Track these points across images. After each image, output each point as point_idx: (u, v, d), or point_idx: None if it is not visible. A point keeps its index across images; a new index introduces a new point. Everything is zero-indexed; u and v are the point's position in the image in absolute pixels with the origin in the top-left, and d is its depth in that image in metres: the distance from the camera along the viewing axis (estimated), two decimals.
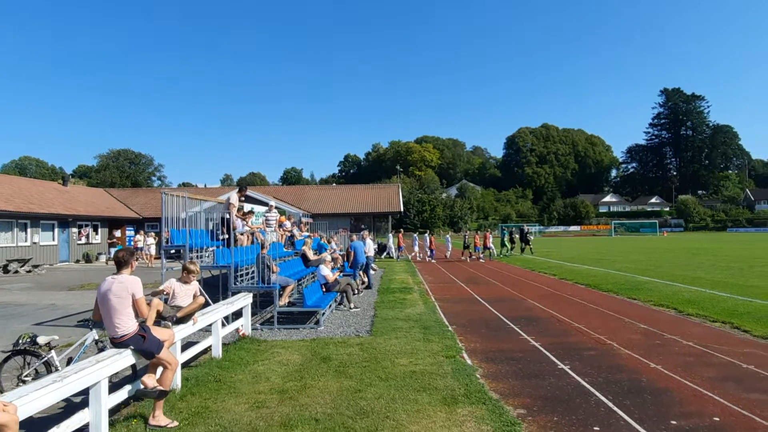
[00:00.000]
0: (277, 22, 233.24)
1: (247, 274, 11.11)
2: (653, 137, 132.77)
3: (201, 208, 12.44)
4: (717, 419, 4.93)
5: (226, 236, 10.55)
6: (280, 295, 10.13)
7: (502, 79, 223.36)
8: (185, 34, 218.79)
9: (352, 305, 11.68)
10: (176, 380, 6.02)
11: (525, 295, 13.71)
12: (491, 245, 29.05)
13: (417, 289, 15.47)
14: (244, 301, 8.57)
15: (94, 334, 6.31)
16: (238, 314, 8.89)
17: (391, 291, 14.88)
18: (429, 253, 29.43)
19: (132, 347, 4.99)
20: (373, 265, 21.48)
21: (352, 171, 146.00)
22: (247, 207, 15.12)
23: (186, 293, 6.46)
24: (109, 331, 5.00)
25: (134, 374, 6.20)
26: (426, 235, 31.59)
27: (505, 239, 31.94)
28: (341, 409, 5.23)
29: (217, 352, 7.40)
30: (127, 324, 4.95)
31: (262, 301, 12.29)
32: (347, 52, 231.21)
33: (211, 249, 10.62)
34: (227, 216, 10.83)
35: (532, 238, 33.30)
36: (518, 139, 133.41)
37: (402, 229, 43.81)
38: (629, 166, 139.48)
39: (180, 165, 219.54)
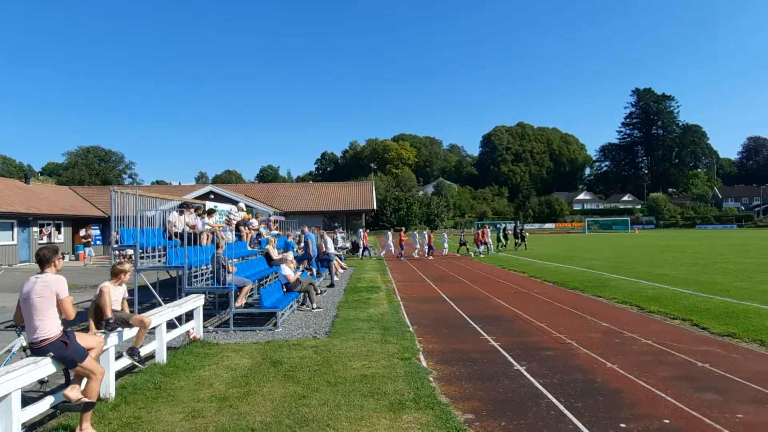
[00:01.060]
0: (253, 20, 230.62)
1: (203, 274, 10.73)
2: (626, 136, 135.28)
3: (164, 207, 12.04)
4: (667, 421, 4.81)
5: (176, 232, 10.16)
6: (237, 296, 9.79)
7: (478, 77, 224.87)
8: (160, 31, 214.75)
9: (314, 305, 11.39)
10: (110, 388, 5.69)
11: (492, 294, 13.60)
12: (489, 240, 29.50)
13: (384, 288, 15.25)
14: (194, 303, 8.22)
15: (21, 341, 5.91)
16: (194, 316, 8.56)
17: (358, 290, 14.63)
18: (427, 250, 28.48)
19: (52, 354, 4.65)
20: (342, 263, 21.24)
21: (329, 169, 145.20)
22: (210, 205, 14.73)
23: (118, 296, 6.12)
24: (29, 335, 4.65)
25: (67, 382, 5.84)
26: (425, 231, 31.10)
27: (500, 235, 32.30)
28: (281, 418, 4.96)
29: (161, 357, 7.04)
30: (48, 327, 4.61)
31: (223, 302, 11.92)
32: (326, 50, 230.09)
33: (165, 249, 10.21)
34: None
35: (527, 234, 33.87)
36: (494, 138, 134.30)
37: (403, 228, 43.79)
38: (602, 165, 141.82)
39: (154, 163, 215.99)
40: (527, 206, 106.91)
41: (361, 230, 30.69)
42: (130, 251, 10.46)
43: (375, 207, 36.86)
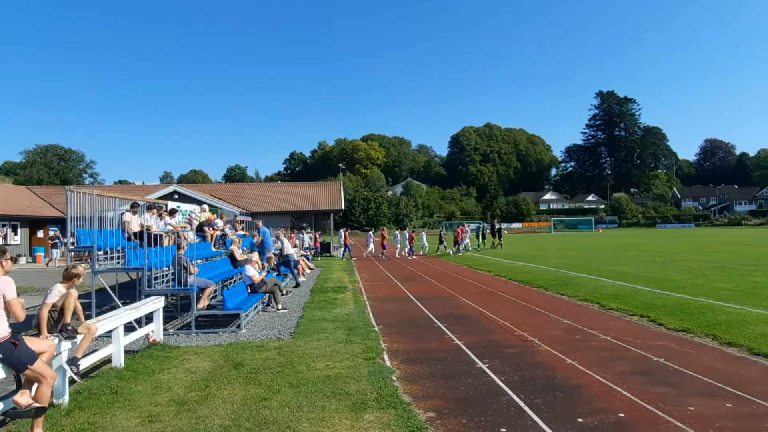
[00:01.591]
0: (220, 15, 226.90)
1: (165, 276, 10.48)
2: (590, 137, 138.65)
3: (125, 208, 11.67)
4: (622, 415, 4.92)
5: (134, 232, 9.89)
6: (199, 298, 9.59)
7: (447, 78, 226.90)
8: (123, 24, 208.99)
9: (279, 306, 11.27)
10: (64, 394, 5.49)
11: (458, 293, 13.72)
12: (467, 239, 30.42)
13: (351, 288, 15.21)
14: (153, 305, 8.02)
15: None
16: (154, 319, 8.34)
17: (324, 291, 14.55)
18: (408, 249, 28.71)
19: (1, 357, 4.47)
20: (309, 264, 21.10)
21: (297, 169, 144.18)
22: (172, 205, 14.42)
23: (70, 300, 5.91)
24: None
25: (18, 388, 5.60)
26: (405, 231, 31.44)
27: (479, 234, 33.16)
28: (240, 421, 4.87)
29: (119, 361, 6.84)
30: None
31: (185, 304, 11.66)
32: (295, 49, 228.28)
33: (123, 250, 9.93)
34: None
35: (505, 233, 34.54)
36: (462, 138, 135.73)
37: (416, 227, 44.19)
38: (568, 165, 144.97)
39: (117, 162, 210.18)
40: (495, 206, 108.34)
41: (342, 230, 30.52)
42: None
43: (343, 207, 36.72)
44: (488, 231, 35.02)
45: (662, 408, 5.06)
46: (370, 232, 30.85)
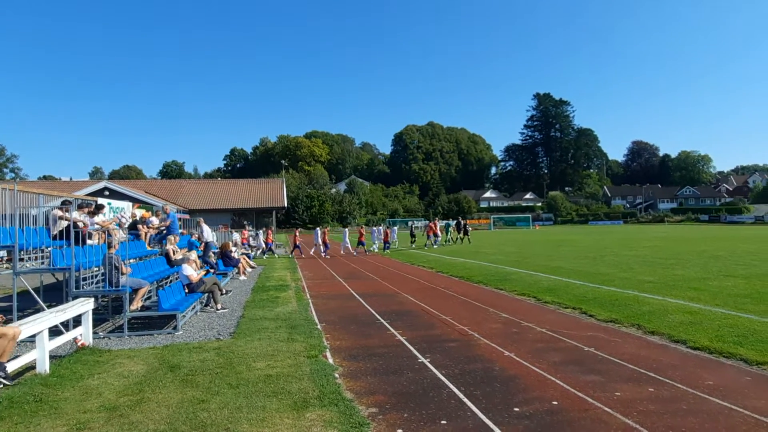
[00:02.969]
0: (158, 10, 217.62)
1: (95, 276, 9.95)
2: (527, 138, 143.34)
3: (52, 204, 10.97)
4: (555, 403, 5.15)
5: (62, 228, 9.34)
6: (132, 299, 9.18)
7: (390, 77, 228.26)
8: (50, 16, 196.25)
9: (218, 306, 10.97)
10: None
11: (400, 289, 13.85)
12: (438, 233, 32.55)
13: (294, 286, 15.03)
14: (81, 307, 7.59)
15: None
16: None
17: (266, 289, 14.29)
18: (383, 244, 30.03)
19: None
20: (251, 262, 20.68)
21: (238, 165, 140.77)
22: (100, 201, 13.74)
23: None
24: None
25: None
26: (381, 227, 32.97)
27: (449, 230, 36.25)
28: (177, 425, 4.71)
29: (44, 367, 6.43)
30: None
31: (118, 305, 11.11)
32: (236, 43, 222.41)
33: (49, 249, 9.35)
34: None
35: (470, 229, 37.46)
36: (405, 136, 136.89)
37: (437, 217, 44.89)
38: (507, 164, 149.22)
39: (43, 157, 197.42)
40: (437, 204, 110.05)
41: (318, 229, 30.08)
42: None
43: (286, 204, 36.19)
44: (453, 228, 37.50)
45: (592, 395, 5.33)
46: (317, 229, 30.47)
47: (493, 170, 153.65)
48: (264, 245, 27.98)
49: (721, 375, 5.90)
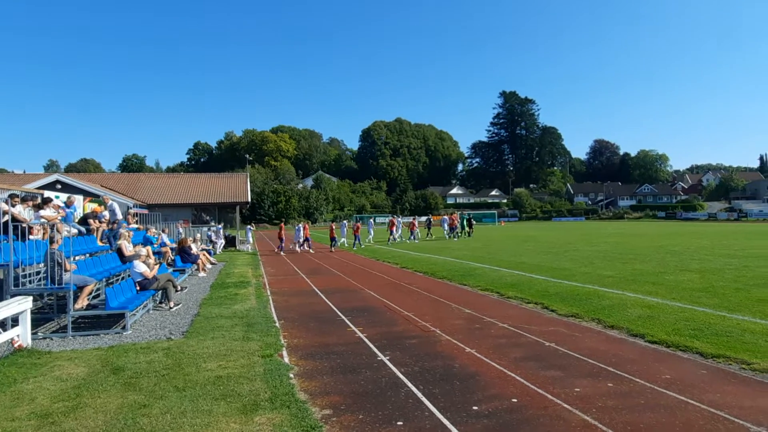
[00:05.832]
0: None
1: (38, 273, 9.37)
2: (494, 135, 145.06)
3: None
4: (515, 400, 5.02)
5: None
6: (77, 297, 8.67)
7: (357, 72, 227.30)
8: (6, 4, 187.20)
9: (172, 304, 10.52)
10: None
11: (364, 286, 13.63)
12: (417, 229, 34.94)
13: (254, 282, 14.63)
14: (18, 306, 7.09)
15: None
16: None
17: (225, 286, 13.85)
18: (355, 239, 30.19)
19: None
20: (211, 258, 20.12)
21: (202, 160, 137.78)
22: (49, 194, 13.04)
23: None
24: None
25: None
26: (345, 222, 34.63)
27: (464, 223, 38.11)
28: None
29: None
30: None
31: (63, 304, 10.51)
32: (198, 36, 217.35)
33: None
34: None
35: (474, 223, 39.93)
36: (373, 132, 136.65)
37: (455, 211, 45.82)
38: (473, 161, 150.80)
39: None
40: (404, 200, 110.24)
41: (300, 225, 29.32)
42: None
43: (249, 199, 35.45)
44: (425, 223, 39.79)
45: (551, 391, 5.23)
46: (299, 225, 29.78)
47: (460, 167, 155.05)
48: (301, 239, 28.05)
49: (678, 369, 5.90)
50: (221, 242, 28.50)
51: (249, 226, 33.76)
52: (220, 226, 29.98)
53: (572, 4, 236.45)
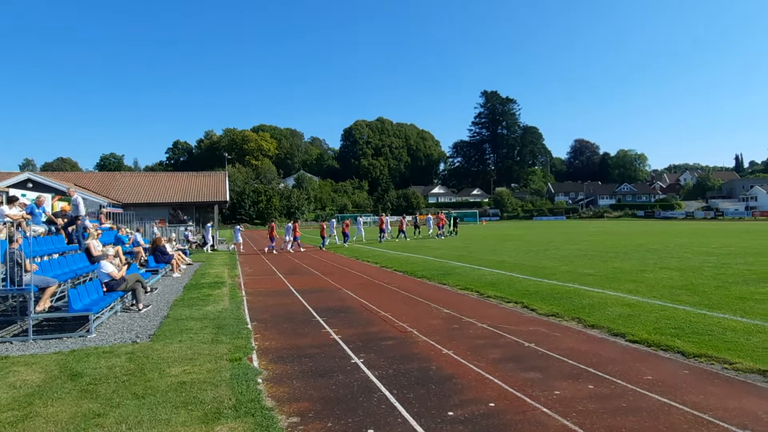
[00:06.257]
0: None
1: None
2: (475, 134, 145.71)
3: None
4: (492, 405, 4.81)
5: None
6: (39, 299, 8.25)
7: (339, 71, 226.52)
8: None
9: (141, 305, 10.12)
10: None
11: (342, 285, 13.35)
12: (404, 229, 35.23)
13: (230, 283, 14.24)
14: None
15: None
16: None
17: (199, 287, 13.44)
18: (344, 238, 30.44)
19: None
20: (187, 258, 19.65)
21: (182, 159, 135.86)
22: (14, 192, 12.53)
23: None
24: None
25: None
26: (333, 220, 34.87)
27: (451, 222, 38.85)
28: None
29: None
30: None
31: (26, 306, 10.05)
32: (179, 35, 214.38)
33: None
34: None
35: (458, 222, 41.08)
36: (355, 132, 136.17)
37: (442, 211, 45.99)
38: (455, 161, 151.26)
39: None
40: (386, 199, 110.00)
41: (290, 224, 28.65)
42: None
43: (228, 198, 34.87)
44: (412, 222, 40.34)
45: (530, 394, 5.03)
46: (288, 224, 29.07)
47: (442, 166, 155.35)
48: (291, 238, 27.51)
49: (659, 369, 5.75)
50: (210, 242, 28.03)
51: (238, 227, 33.09)
52: (209, 224, 29.33)
53: (552, 4, 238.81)
